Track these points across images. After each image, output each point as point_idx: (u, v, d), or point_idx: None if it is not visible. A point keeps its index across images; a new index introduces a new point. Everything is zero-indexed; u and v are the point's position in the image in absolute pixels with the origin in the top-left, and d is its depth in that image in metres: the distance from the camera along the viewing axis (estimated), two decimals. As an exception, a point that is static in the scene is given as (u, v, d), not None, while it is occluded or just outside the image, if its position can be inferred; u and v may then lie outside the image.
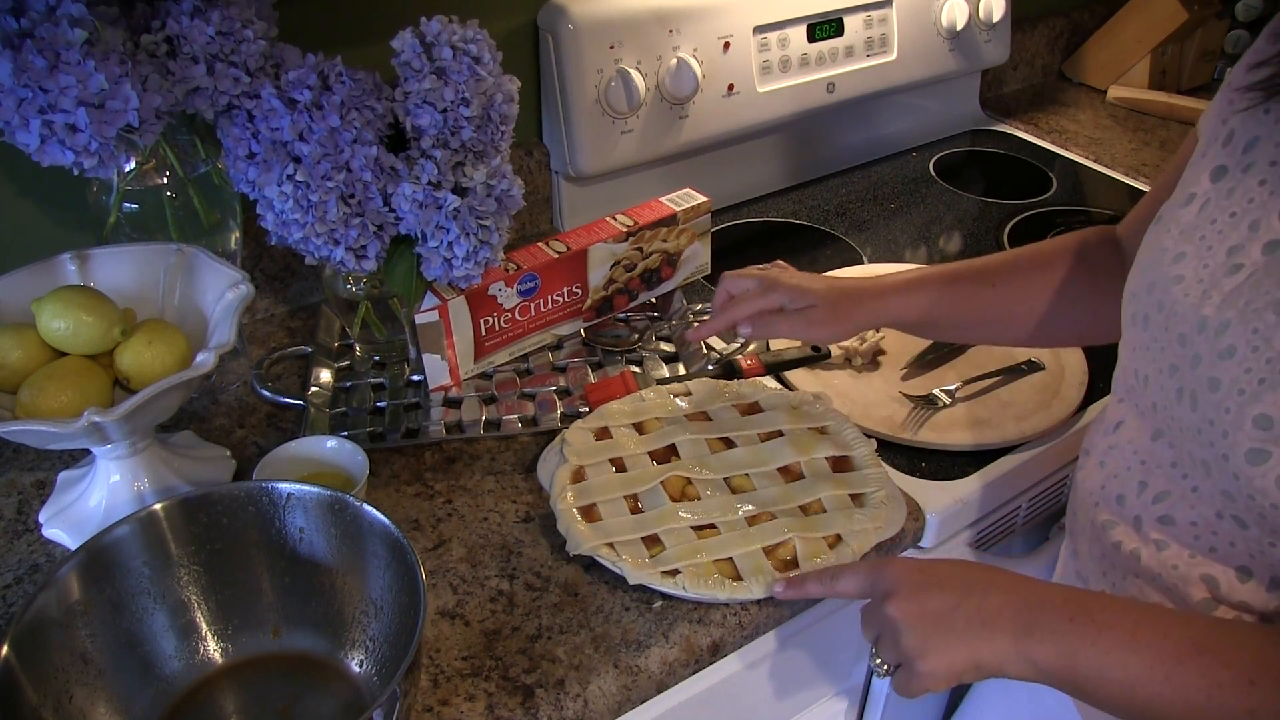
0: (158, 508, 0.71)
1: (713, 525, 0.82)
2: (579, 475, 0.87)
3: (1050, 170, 1.51)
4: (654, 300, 1.12)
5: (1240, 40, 1.73)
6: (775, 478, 0.87)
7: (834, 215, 1.38)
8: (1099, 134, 1.61)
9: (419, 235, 0.86)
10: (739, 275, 0.92)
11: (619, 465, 0.88)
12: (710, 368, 1.03)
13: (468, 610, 0.78)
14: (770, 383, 1.01)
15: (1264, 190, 0.61)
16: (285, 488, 0.72)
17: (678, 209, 1.06)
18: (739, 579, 0.79)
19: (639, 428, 0.92)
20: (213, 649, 0.73)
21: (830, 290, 0.89)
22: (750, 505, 0.84)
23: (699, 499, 0.85)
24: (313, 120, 0.79)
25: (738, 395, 0.95)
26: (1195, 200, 0.65)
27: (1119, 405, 0.73)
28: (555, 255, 1.00)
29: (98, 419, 0.70)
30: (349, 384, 1.02)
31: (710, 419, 0.93)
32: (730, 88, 1.26)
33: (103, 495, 0.81)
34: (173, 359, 0.79)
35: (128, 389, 0.80)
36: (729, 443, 0.90)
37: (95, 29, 0.72)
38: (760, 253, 1.30)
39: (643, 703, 0.76)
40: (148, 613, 0.71)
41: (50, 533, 0.83)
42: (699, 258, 1.12)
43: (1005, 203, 1.41)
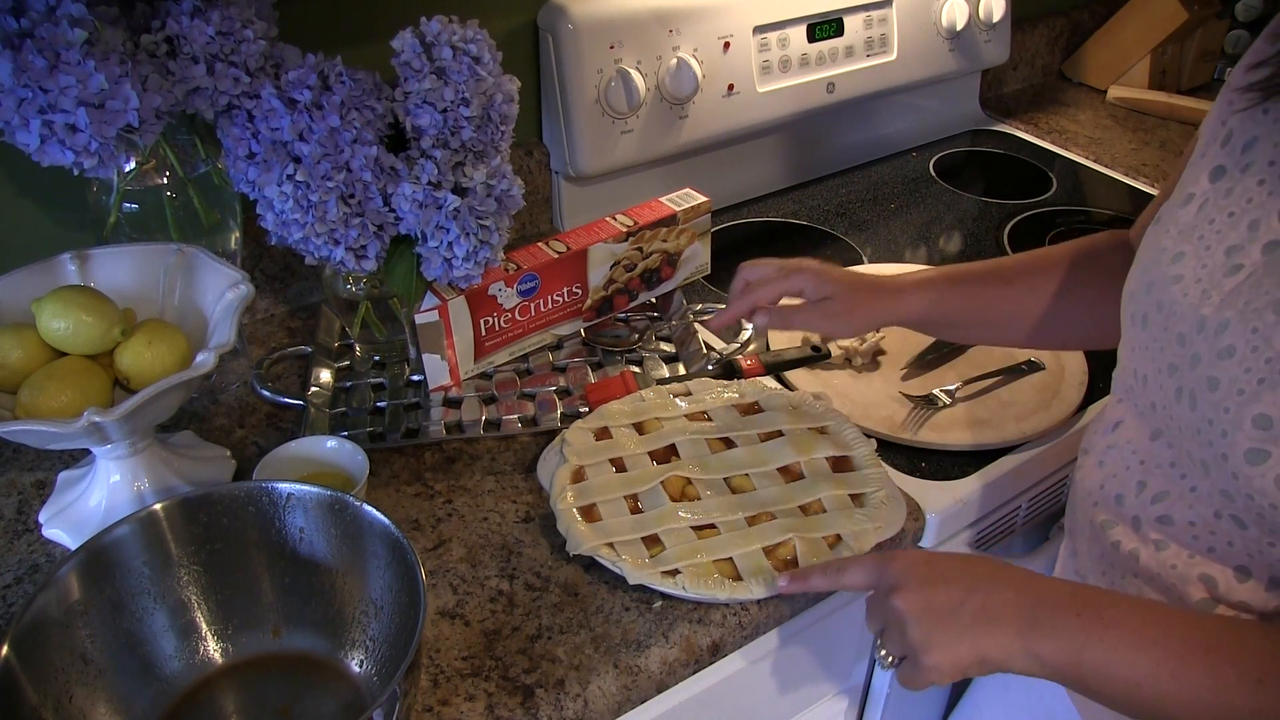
0: (158, 508, 0.71)
1: (713, 525, 0.82)
2: (579, 475, 0.87)
3: (1050, 170, 1.51)
4: (654, 300, 1.12)
5: (1240, 40, 1.73)
6: (775, 478, 0.87)
7: (834, 215, 1.38)
8: (1099, 134, 1.61)
9: (419, 235, 0.86)
10: (757, 263, 0.91)
11: (619, 465, 0.88)
12: (710, 368, 1.03)
13: (468, 610, 0.78)
14: (770, 383, 1.01)
15: (1263, 190, 0.61)
16: (285, 488, 0.72)
17: (678, 209, 1.06)
18: (739, 579, 0.79)
19: (639, 428, 0.92)
20: (213, 649, 0.73)
21: (849, 283, 0.88)
22: (750, 505, 0.84)
23: (699, 499, 0.85)
24: (313, 120, 0.79)
25: (738, 395, 0.95)
26: (1194, 200, 0.65)
27: (1118, 405, 0.73)
28: (555, 255, 1.00)
29: (98, 419, 0.70)
30: (349, 384, 1.02)
31: (710, 419, 0.93)
32: (730, 88, 1.26)
33: (103, 495, 0.81)
34: (173, 359, 0.79)
35: (128, 389, 0.80)
36: (729, 443, 0.90)
37: (95, 29, 0.72)
38: (760, 253, 1.27)
39: (643, 703, 0.76)
40: (148, 613, 0.71)
41: (50, 533, 0.83)
42: (699, 258, 1.12)
43: (1005, 203, 1.41)
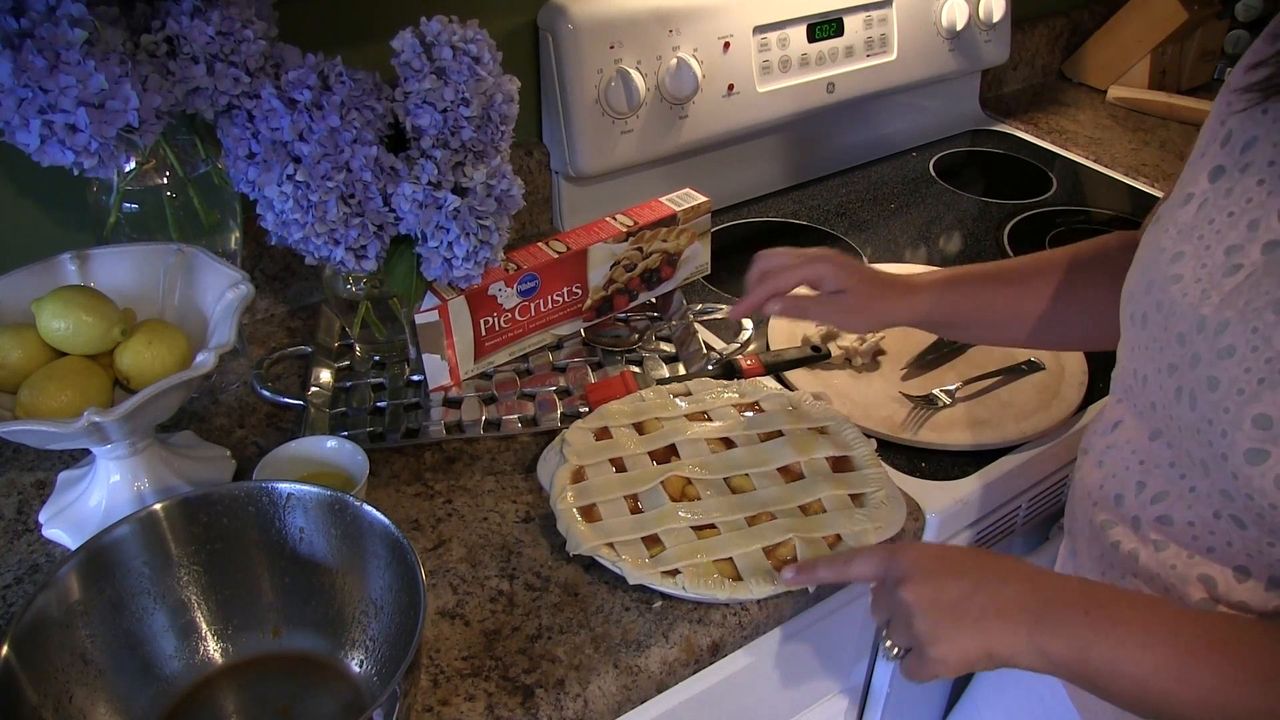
0: (158, 508, 0.71)
1: (713, 525, 0.82)
2: (579, 475, 0.87)
3: (1050, 170, 1.51)
4: (654, 300, 1.12)
5: (1240, 40, 1.73)
6: (775, 478, 0.87)
7: (834, 215, 1.38)
8: (1099, 134, 1.61)
9: (419, 235, 0.86)
10: (775, 251, 0.90)
11: (619, 465, 0.88)
12: (710, 368, 1.03)
13: (468, 610, 0.78)
14: (770, 383, 1.01)
15: (1262, 190, 0.61)
16: (285, 488, 0.72)
17: (678, 209, 1.06)
18: (739, 579, 0.79)
19: (639, 428, 0.92)
20: (213, 649, 0.73)
21: (866, 278, 0.88)
22: (750, 505, 0.84)
23: (699, 499, 0.85)
24: (313, 120, 0.79)
25: (738, 395, 0.95)
26: (1193, 200, 0.65)
27: (1117, 405, 0.73)
28: (555, 255, 1.00)
29: (98, 419, 0.70)
30: (349, 384, 1.02)
31: (710, 419, 0.93)
32: (730, 88, 1.26)
33: (103, 495, 0.81)
34: (173, 359, 0.79)
35: (128, 389, 0.80)
36: (729, 443, 0.90)
37: (95, 29, 0.72)
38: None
39: (643, 703, 0.76)
40: (148, 613, 0.71)
41: (50, 533, 0.83)
42: (699, 258, 1.12)
43: (1005, 203, 1.41)
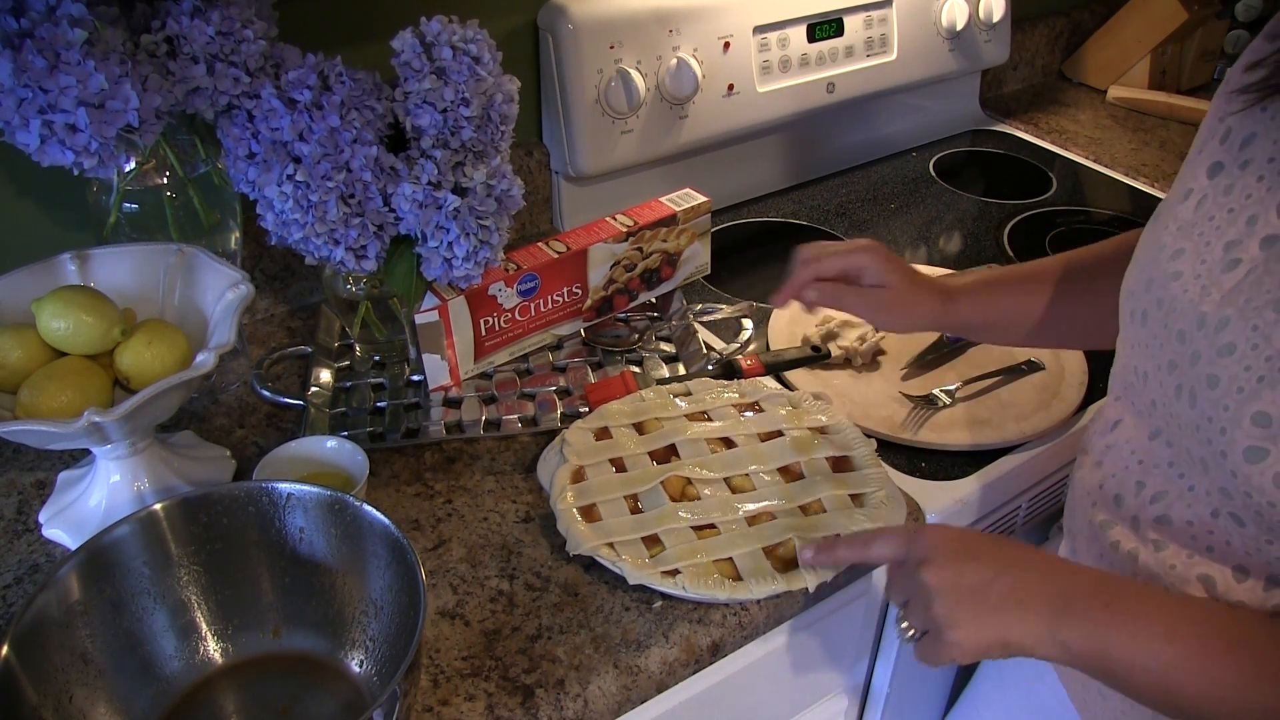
0: (158, 508, 0.71)
1: (713, 525, 0.82)
2: (579, 475, 0.87)
3: (1050, 170, 1.51)
4: (654, 300, 1.12)
5: (1240, 40, 1.73)
6: (775, 478, 0.87)
7: (834, 215, 1.38)
8: (1099, 134, 1.61)
9: (419, 235, 0.86)
10: (818, 244, 0.90)
11: (619, 465, 0.88)
12: (710, 368, 1.03)
13: (468, 610, 0.78)
14: (770, 383, 1.01)
15: (1261, 186, 0.61)
16: (285, 488, 0.72)
17: (678, 209, 1.06)
18: (739, 579, 0.79)
19: (639, 428, 0.92)
20: (213, 649, 0.73)
21: (907, 276, 0.87)
22: (750, 505, 0.84)
23: (699, 499, 0.85)
24: (313, 120, 0.79)
25: (738, 395, 0.95)
26: (1193, 196, 0.65)
27: (1115, 404, 0.73)
28: (555, 255, 1.00)
29: (98, 419, 0.70)
30: (349, 384, 1.02)
31: (710, 419, 0.93)
32: (730, 88, 1.26)
33: (103, 495, 0.81)
34: (173, 359, 0.79)
35: (128, 389, 0.80)
36: (729, 443, 0.90)
37: (95, 29, 0.72)
38: (760, 253, 1.30)
39: (643, 703, 0.76)
40: (148, 613, 0.71)
41: (50, 533, 0.83)
42: (699, 258, 1.12)
43: (1005, 203, 1.41)
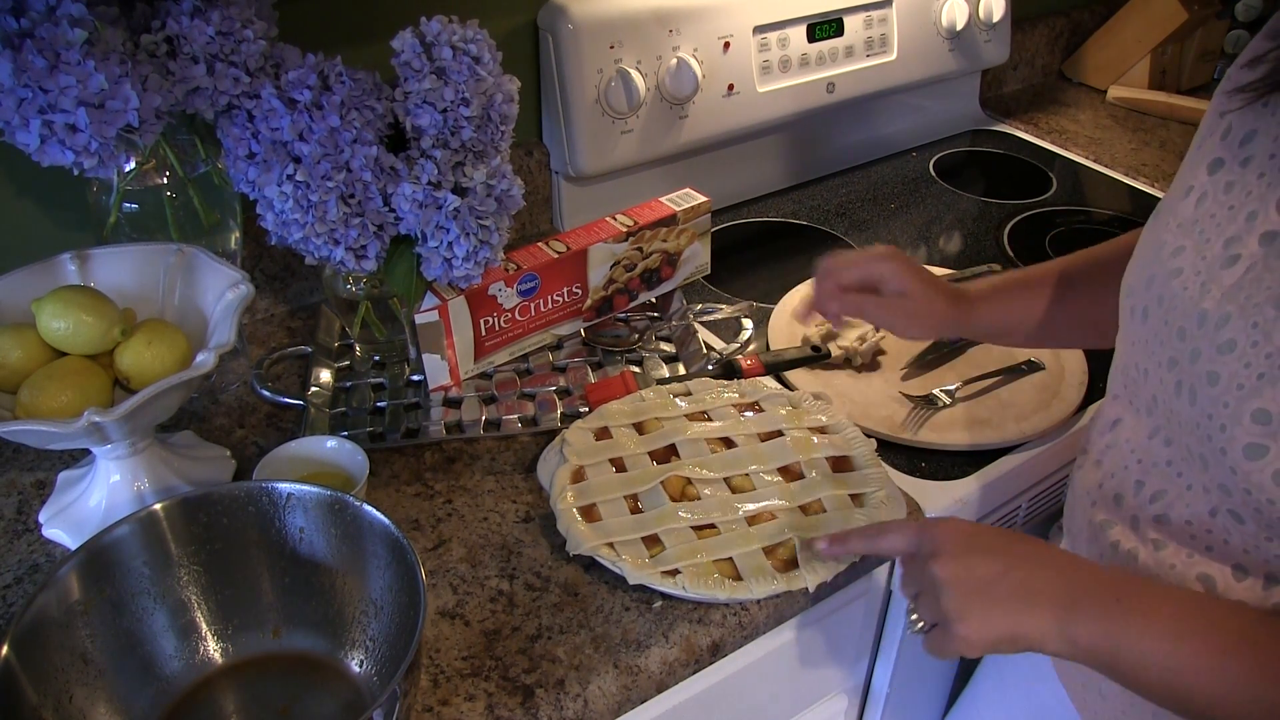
0: (158, 508, 0.71)
1: (713, 525, 0.82)
2: (579, 475, 0.87)
3: (1050, 170, 1.51)
4: (654, 300, 1.12)
5: (1240, 40, 1.73)
6: (775, 478, 0.87)
7: (834, 215, 1.38)
8: (1099, 134, 1.61)
9: (419, 235, 0.86)
10: (838, 253, 0.90)
11: (619, 465, 0.88)
12: (710, 368, 1.03)
13: (468, 610, 0.78)
14: (770, 383, 1.01)
15: (1261, 183, 0.61)
16: (285, 488, 0.72)
17: (678, 209, 1.06)
18: (739, 579, 0.79)
19: (639, 428, 0.92)
20: (213, 649, 0.73)
21: (928, 282, 0.87)
22: (750, 505, 0.84)
23: (699, 499, 0.85)
24: (313, 120, 0.79)
25: (738, 395, 0.95)
26: (1193, 193, 0.65)
27: (1114, 402, 0.73)
28: (555, 255, 1.00)
29: (98, 419, 0.70)
30: (349, 384, 1.02)
31: (710, 419, 0.93)
32: (730, 88, 1.26)
33: (103, 495, 0.81)
34: (173, 359, 0.79)
35: (128, 389, 0.80)
36: (729, 443, 0.90)
37: (95, 29, 0.72)
38: (760, 253, 1.30)
39: (643, 703, 0.76)
40: (148, 613, 0.71)
41: (50, 533, 0.83)
42: (699, 258, 1.12)
43: (1005, 203, 1.41)
